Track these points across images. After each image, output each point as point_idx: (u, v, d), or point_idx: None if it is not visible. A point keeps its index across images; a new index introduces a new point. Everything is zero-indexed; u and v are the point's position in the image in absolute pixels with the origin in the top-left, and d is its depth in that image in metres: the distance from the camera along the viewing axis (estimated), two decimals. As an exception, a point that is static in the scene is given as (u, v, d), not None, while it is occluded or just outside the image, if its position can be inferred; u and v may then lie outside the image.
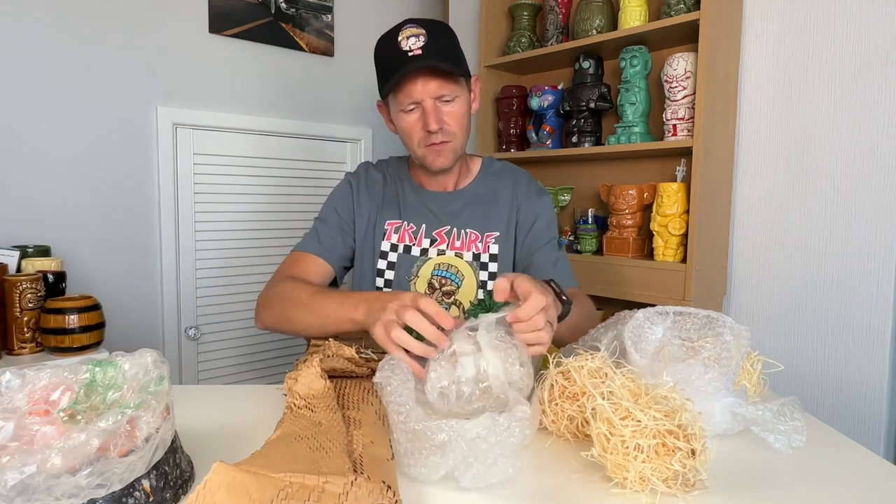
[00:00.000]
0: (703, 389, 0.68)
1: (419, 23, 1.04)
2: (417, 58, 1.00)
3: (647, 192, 1.73)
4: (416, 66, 1.00)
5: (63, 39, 1.75)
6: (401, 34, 1.02)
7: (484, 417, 0.60)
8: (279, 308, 1.01)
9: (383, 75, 1.06)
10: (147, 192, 1.95)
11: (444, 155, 1.08)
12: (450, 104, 1.05)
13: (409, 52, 1.00)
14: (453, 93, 1.05)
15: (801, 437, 0.67)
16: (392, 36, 1.03)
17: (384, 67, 1.06)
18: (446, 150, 1.08)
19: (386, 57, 1.04)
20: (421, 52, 1.00)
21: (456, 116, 1.06)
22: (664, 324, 0.78)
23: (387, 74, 1.04)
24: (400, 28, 1.03)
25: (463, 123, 1.08)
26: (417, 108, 1.05)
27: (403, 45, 1.01)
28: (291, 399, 0.73)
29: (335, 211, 1.18)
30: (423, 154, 1.09)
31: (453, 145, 1.08)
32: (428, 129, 1.04)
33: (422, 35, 1.01)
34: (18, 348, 1.41)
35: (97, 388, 0.55)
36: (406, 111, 1.06)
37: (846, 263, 1.51)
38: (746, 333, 0.74)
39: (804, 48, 1.56)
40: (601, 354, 0.69)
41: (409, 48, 1.01)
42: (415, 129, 1.06)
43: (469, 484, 0.57)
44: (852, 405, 1.51)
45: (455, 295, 1.15)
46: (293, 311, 0.98)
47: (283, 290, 1.03)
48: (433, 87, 1.02)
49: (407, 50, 1.01)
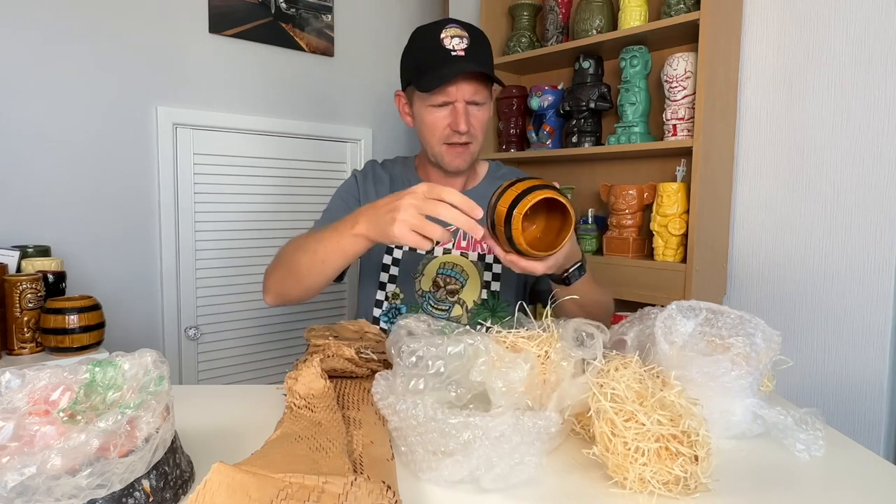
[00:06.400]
0: (728, 386, 0.68)
1: (461, 24, 1.06)
2: (461, 59, 1.02)
3: (647, 192, 1.73)
4: (461, 67, 1.02)
5: (63, 39, 1.75)
6: (444, 32, 1.03)
7: (507, 416, 0.59)
8: (280, 266, 1.00)
9: (419, 68, 1.06)
10: (147, 192, 1.95)
11: (464, 157, 1.11)
12: (479, 108, 1.08)
13: (452, 52, 1.02)
14: (485, 98, 1.08)
15: (821, 446, 0.67)
16: (433, 32, 1.04)
17: (421, 60, 1.06)
18: (467, 152, 1.11)
19: (426, 51, 1.05)
20: (464, 54, 1.02)
21: (482, 121, 1.09)
22: (696, 319, 0.77)
23: (425, 68, 1.05)
24: (442, 26, 1.04)
25: (485, 129, 1.11)
26: (447, 107, 1.07)
27: (447, 44, 1.02)
28: (291, 399, 0.73)
29: (342, 201, 1.19)
30: (442, 152, 1.11)
31: (473, 148, 1.11)
32: (458, 129, 1.06)
33: (465, 37, 1.04)
34: (18, 348, 1.41)
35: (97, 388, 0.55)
36: (435, 106, 1.07)
37: (846, 263, 1.51)
38: (777, 338, 0.73)
39: (804, 48, 1.56)
40: (636, 359, 0.65)
41: (453, 48, 1.02)
42: (439, 126, 1.08)
43: (490, 485, 0.57)
44: (852, 405, 1.50)
45: (459, 294, 1.15)
46: (293, 260, 0.96)
47: (282, 250, 1.04)
48: (470, 90, 1.05)
49: (450, 49, 1.02)
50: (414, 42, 1.09)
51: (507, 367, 0.63)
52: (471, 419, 0.57)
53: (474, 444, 0.57)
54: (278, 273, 1.01)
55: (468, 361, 0.65)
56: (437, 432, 0.57)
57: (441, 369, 0.64)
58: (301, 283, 0.97)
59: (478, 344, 0.66)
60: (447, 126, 1.07)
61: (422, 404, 0.59)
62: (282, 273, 0.99)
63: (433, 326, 0.77)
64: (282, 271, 0.99)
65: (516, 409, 0.62)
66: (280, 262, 1.01)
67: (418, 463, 0.60)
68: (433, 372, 0.63)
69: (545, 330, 0.72)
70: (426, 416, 0.58)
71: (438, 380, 0.64)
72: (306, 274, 0.94)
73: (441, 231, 0.75)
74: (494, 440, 0.57)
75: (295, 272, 0.96)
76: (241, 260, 2.15)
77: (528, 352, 0.67)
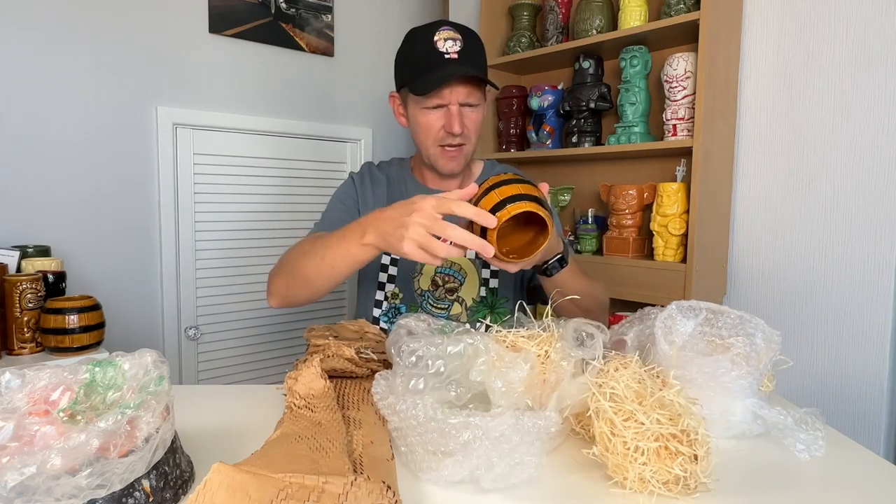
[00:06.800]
0: (728, 386, 0.68)
1: (455, 27, 1.06)
2: (454, 62, 1.02)
3: (647, 192, 1.73)
4: (454, 70, 1.02)
5: (63, 40, 1.75)
6: (437, 34, 1.03)
7: (507, 416, 0.59)
8: (286, 271, 1.00)
9: (413, 71, 1.07)
10: (147, 192, 1.95)
11: (457, 160, 1.12)
12: (472, 109, 1.08)
13: (445, 54, 1.02)
14: (478, 100, 1.08)
15: (821, 446, 0.67)
16: (426, 33, 1.04)
17: (415, 63, 1.06)
18: (460, 154, 1.11)
19: (419, 53, 1.05)
20: (457, 57, 1.02)
21: (475, 122, 1.10)
22: (696, 319, 0.77)
23: (418, 71, 1.05)
24: (436, 28, 1.04)
25: (479, 130, 1.12)
26: (440, 109, 1.07)
27: (440, 46, 1.02)
28: (291, 399, 0.73)
29: (341, 203, 1.19)
30: (436, 154, 1.11)
31: (467, 149, 1.12)
32: (452, 131, 1.06)
33: (458, 40, 1.03)
34: (18, 348, 1.41)
35: (97, 388, 0.55)
36: (429, 109, 1.07)
37: (846, 263, 1.51)
38: (777, 338, 0.73)
39: (804, 48, 1.56)
40: (636, 359, 0.65)
41: (447, 50, 1.02)
42: (433, 128, 1.08)
43: (490, 485, 0.57)
44: (852, 405, 1.51)
45: (458, 292, 1.16)
46: (298, 265, 0.96)
47: (287, 254, 1.03)
48: (464, 92, 1.05)
49: (444, 51, 1.02)
50: (408, 44, 1.09)
51: (506, 366, 0.63)
52: (471, 419, 0.57)
53: (474, 444, 0.57)
54: (284, 278, 1.00)
55: (468, 361, 0.65)
56: (437, 432, 0.57)
57: (441, 369, 0.64)
58: (308, 287, 0.97)
59: (478, 343, 0.65)
60: (441, 128, 1.08)
61: (422, 404, 0.59)
62: (288, 278, 0.99)
63: (433, 326, 0.77)
64: (288, 276, 0.99)
65: (516, 409, 0.62)
66: (286, 266, 1.01)
67: (418, 463, 0.60)
68: (433, 371, 0.63)
69: (545, 329, 0.72)
70: (426, 416, 0.58)
71: (438, 379, 0.63)
72: (314, 279, 0.94)
73: (447, 250, 0.74)
74: (494, 440, 0.57)
75: (302, 277, 0.96)
76: (241, 260, 2.15)
77: (528, 351, 0.67)
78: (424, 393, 0.62)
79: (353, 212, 1.17)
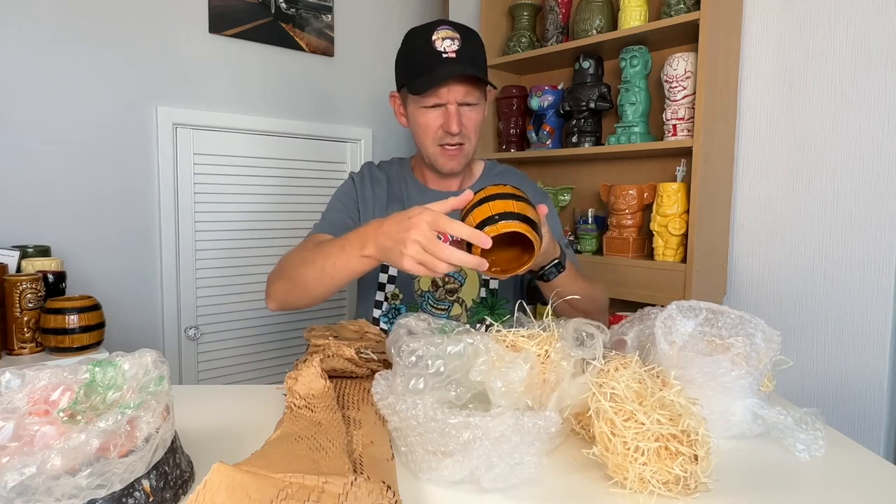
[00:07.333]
0: (728, 386, 0.68)
1: (453, 26, 1.06)
2: (451, 61, 1.02)
3: (647, 192, 1.73)
4: (451, 70, 1.02)
5: (63, 40, 1.75)
6: (435, 34, 1.03)
7: (507, 416, 0.59)
8: (285, 277, 1.00)
9: (411, 71, 1.07)
10: (147, 192, 1.95)
11: (457, 159, 1.12)
12: (471, 108, 1.08)
13: (443, 54, 1.02)
14: (477, 99, 1.08)
15: (821, 446, 0.67)
16: (425, 33, 1.04)
17: (413, 62, 1.07)
18: (460, 154, 1.11)
19: (417, 53, 1.05)
20: (455, 56, 1.02)
21: (474, 121, 1.09)
22: (696, 319, 0.77)
23: (416, 70, 1.05)
24: (434, 27, 1.04)
25: (478, 129, 1.11)
26: (439, 108, 1.07)
27: (438, 46, 1.02)
28: (291, 399, 0.73)
29: (341, 204, 1.19)
30: (436, 153, 1.11)
31: (467, 149, 1.11)
32: (450, 130, 1.06)
33: (457, 39, 1.04)
34: (18, 348, 1.41)
35: (97, 388, 0.55)
36: (427, 108, 1.07)
37: (846, 263, 1.51)
38: (777, 338, 0.73)
39: (804, 48, 1.56)
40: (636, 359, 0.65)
41: (444, 50, 1.02)
42: (432, 127, 1.09)
43: (490, 485, 0.57)
44: (852, 405, 1.50)
45: (458, 293, 1.16)
46: (298, 272, 0.96)
47: (287, 259, 1.03)
48: (461, 92, 1.05)
49: (441, 51, 1.02)
50: (407, 44, 1.09)
51: (506, 366, 0.63)
52: (471, 419, 0.57)
53: (474, 444, 0.57)
54: (283, 283, 1.01)
55: (468, 361, 0.65)
56: (437, 432, 0.57)
57: (441, 369, 0.64)
58: (307, 294, 0.97)
59: (478, 343, 0.65)
60: (439, 127, 1.08)
61: (422, 404, 0.59)
62: (287, 284, 1.00)
63: (433, 325, 0.77)
64: (287, 282, 1.00)
65: (516, 409, 0.62)
66: (285, 273, 1.01)
67: (418, 463, 0.60)
68: (433, 371, 0.63)
69: (545, 329, 0.72)
70: (426, 416, 0.58)
71: (438, 379, 0.63)
72: (313, 286, 0.95)
73: (447, 266, 0.74)
74: (494, 440, 0.57)
75: (301, 285, 0.96)
76: (241, 260, 2.15)
77: (528, 351, 0.67)
78: (424, 393, 0.62)
79: (352, 212, 1.17)
